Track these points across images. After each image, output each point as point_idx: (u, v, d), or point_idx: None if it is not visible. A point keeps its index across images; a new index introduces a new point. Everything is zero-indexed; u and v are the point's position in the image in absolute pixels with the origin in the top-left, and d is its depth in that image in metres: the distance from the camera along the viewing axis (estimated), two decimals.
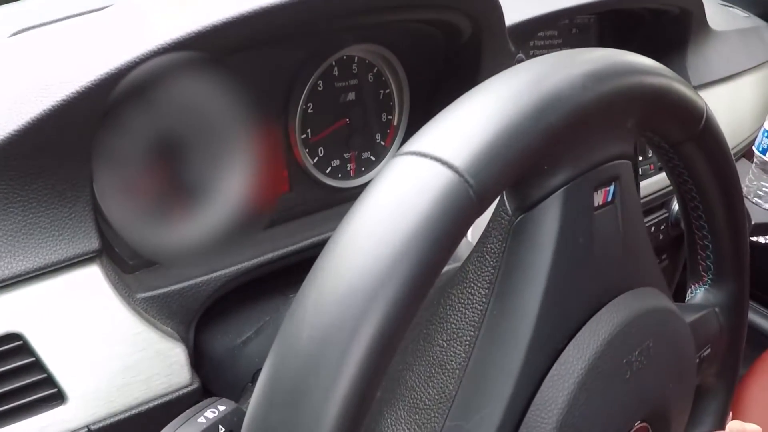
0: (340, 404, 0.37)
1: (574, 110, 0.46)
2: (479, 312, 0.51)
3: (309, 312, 0.40)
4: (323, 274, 0.40)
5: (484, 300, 0.51)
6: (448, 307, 0.53)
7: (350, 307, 0.38)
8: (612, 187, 0.54)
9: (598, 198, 0.52)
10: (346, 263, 0.40)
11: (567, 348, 0.51)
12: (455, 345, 0.52)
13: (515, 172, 0.44)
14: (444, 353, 0.52)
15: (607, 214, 0.54)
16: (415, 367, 0.54)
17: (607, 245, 0.54)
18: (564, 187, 0.50)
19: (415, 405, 0.53)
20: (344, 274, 0.39)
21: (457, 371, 0.51)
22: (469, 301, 0.52)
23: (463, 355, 0.51)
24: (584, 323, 0.52)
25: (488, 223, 0.52)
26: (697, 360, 0.68)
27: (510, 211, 0.51)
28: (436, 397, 0.52)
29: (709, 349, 0.71)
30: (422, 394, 0.53)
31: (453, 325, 0.52)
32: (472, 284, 0.52)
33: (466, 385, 0.50)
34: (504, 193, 0.51)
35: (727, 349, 0.74)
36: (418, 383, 0.53)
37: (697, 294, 0.74)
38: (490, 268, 0.51)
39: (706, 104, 0.60)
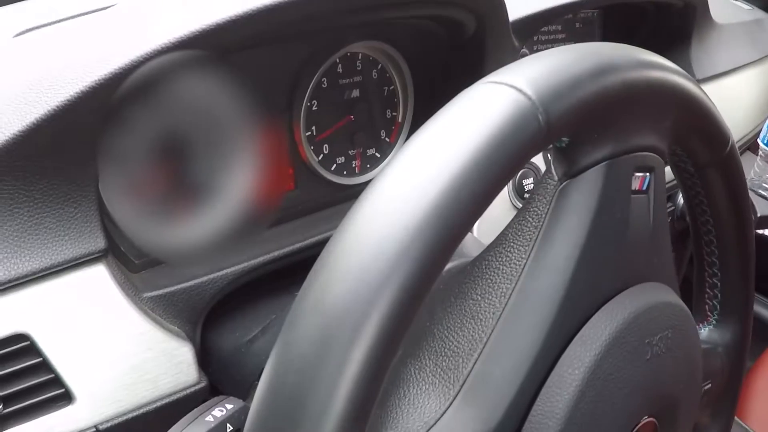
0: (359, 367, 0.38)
1: (630, 81, 0.51)
2: (517, 268, 0.53)
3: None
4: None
5: (522, 257, 0.53)
6: (484, 266, 0.55)
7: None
8: (648, 178, 0.56)
9: (635, 183, 0.55)
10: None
11: (596, 314, 0.53)
12: (490, 297, 0.54)
13: (580, 116, 0.48)
14: (477, 306, 0.54)
15: (641, 201, 0.56)
16: (444, 320, 0.56)
17: (639, 231, 0.56)
18: (608, 161, 0.53)
19: (442, 353, 0.54)
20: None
21: (491, 320, 0.53)
22: (508, 259, 0.54)
23: (498, 306, 0.53)
24: (613, 296, 0.55)
25: (533, 188, 0.55)
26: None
27: (556, 177, 0.54)
28: (466, 345, 0.53)
29: (710, 384, 0.73)
30: (450, 343, 0.54)
31: (489, 280, 0.54)
32: (512, 243, 0.55)
33: (498, 334, 0.52)
34: (552, 159, 0.54)
35: (725, 389, 0.76)
36: (447, 333, 0.55)
37: (702, 333, 0.75)
38: (531, 228, 0.54)
39: (731, 133, 0.64)
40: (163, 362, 0.76)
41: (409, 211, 0.40)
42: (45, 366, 0.70)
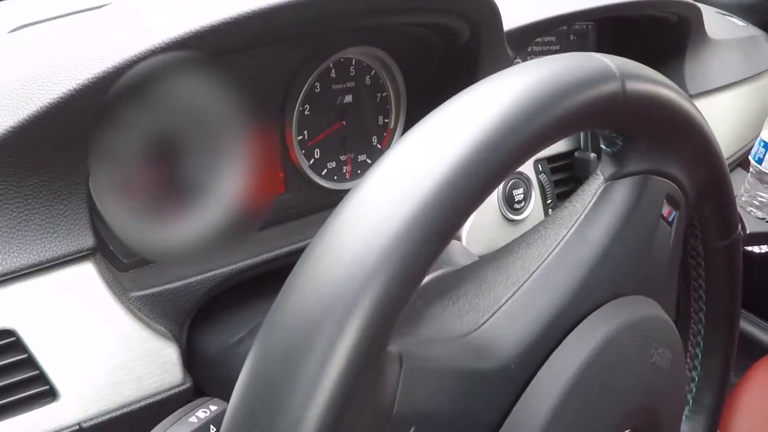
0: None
1: (689, 113, 0.58)
2: (556, 239, 0.57)
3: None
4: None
5: (562, 232, 0.58)
6: (527, 236, 0.59)
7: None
8: (674, 214, 0.62)
9: (665, 210, 0.61)
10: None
11: (616, 300, 0.57)
12: (527, 257, 0.57)
13: (648, 108, 0.54)
14: (513, 264, 0.57)
15: (665, 230, 0.61)
16: (479, 273, 0.58)
17: (660, 254, 0.61)
18: (648, 175, 0.59)
19: (476, 294, 0.56)
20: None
21: (525, 275, 0.56)
22: (548, 233, 0.58)
23: (534, 264, 0.56)
24: (628, 294, 0.58)
25: (582, 185, 0.61)
26: None
27: (602, 177, 0.60)
28: (501, 288, 0.55)
29: None
30: (485, 286, 0.56)
31: (528, 246, 0.58)
32: (555, 221, 0.59)
33: (530, 285, 0.55)
34: (601, 162, 0.61)
35: None
36: (481, 281, 0.57)
37: None
38: (574, 213, 0.59)
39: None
40: (149, 362, 0.76)
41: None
42: (30, 362, 0.70)
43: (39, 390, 0.71)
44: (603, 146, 0.60)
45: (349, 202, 0.43)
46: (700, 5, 1.44)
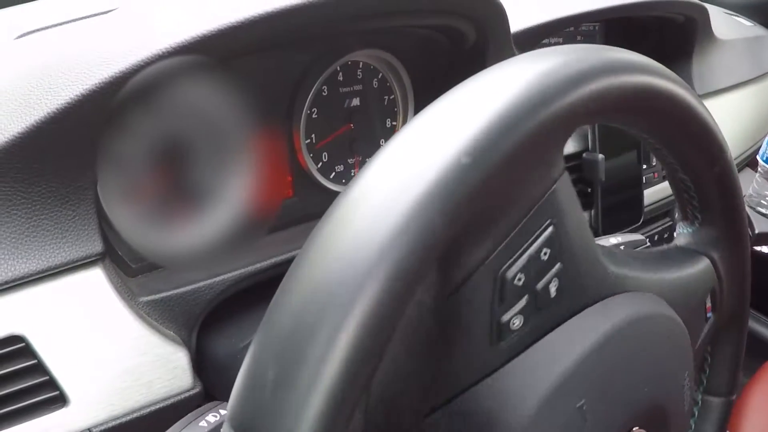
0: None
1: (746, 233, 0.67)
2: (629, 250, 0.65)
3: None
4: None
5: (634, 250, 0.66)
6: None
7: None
8: (710, 314, 0.67)
9: (708, 302, 0.67)
10: None
11: (639, 293, 0.59)
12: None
13: (731, 186, 0.63)
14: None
15: (702, 319, 0.66)
16: None
17: (694, 332, 0.64)
18: (708, 258, 0.66)
19: None
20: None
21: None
22: (623, 251, 0.64)
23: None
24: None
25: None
26: None
27: (675, 245, 0.68)
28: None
29: None
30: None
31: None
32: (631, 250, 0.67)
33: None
34: (676, 235, 0.69)
35: None
36: None
37: None
38: (648, 251, 0.68)
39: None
40: (158, 367, 0.76)
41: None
42: (40, 368, 0.70)
43: (49, 396, 0.70)
44: (680, 229, 0.68)
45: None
46: (706, 5, 1.44)
